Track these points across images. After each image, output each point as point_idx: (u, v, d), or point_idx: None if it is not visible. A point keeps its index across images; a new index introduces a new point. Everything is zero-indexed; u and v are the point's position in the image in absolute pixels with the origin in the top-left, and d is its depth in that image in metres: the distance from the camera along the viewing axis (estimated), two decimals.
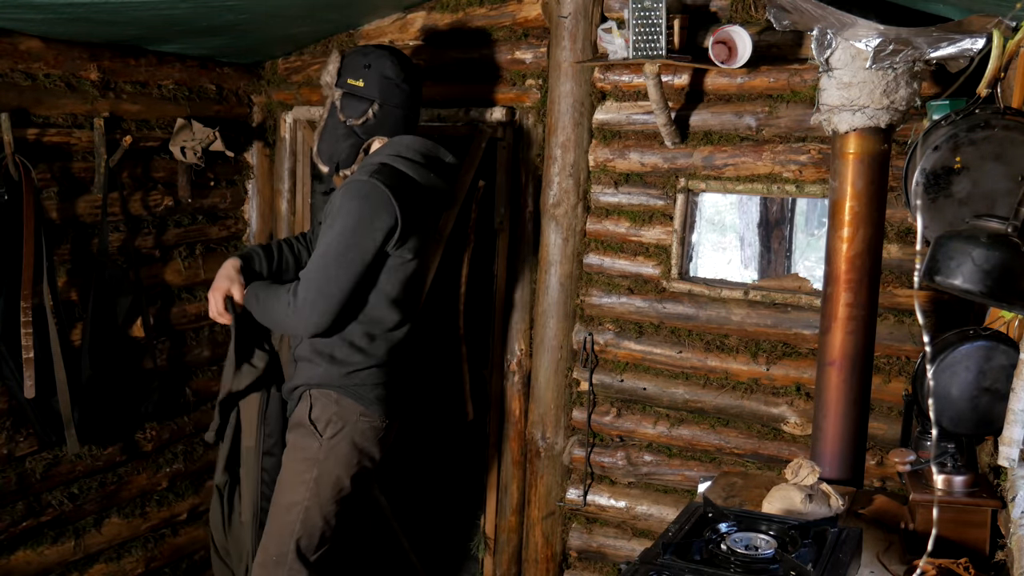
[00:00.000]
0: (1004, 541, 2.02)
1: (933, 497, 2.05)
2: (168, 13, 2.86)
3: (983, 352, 2.09)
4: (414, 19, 3.52)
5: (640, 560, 1.80)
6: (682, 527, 1.91)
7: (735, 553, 1.79)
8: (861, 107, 2.42)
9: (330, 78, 2.72)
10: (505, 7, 3.35)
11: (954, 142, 2.05)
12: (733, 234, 7.53)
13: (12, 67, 2.92)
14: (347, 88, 2.70)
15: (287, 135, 3.84)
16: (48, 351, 2.98)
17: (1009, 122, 2.04)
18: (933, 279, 1.83)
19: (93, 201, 3.19)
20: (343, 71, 2.71)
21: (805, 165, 2.99)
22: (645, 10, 2.78)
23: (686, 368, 3.25)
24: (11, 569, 3.08)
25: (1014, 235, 1.83)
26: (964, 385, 2.09)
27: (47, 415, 3.03)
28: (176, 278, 3.56)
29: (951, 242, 1.83)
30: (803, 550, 1.81)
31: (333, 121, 2.73)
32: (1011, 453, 1.84)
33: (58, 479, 3.20)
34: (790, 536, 1.87)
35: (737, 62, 2.85)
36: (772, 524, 1.92)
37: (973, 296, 1.82)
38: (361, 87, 2.68)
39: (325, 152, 2.76)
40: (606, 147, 3.27)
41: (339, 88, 2.71)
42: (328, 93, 2.74)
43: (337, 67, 2.72)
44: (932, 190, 2.07)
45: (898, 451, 2.23)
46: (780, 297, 3.08)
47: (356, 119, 2.70)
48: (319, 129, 2.78)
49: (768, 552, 1.79)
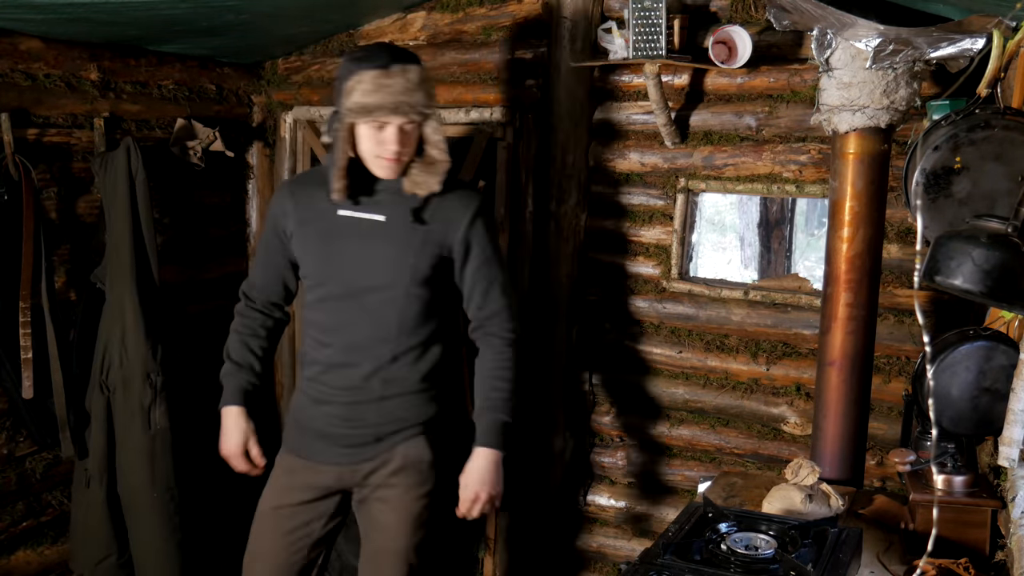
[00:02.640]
0: (1004, 541, 2.02)
1: (933, 497, 2.05)
2: (168, 13, 2.86)
3: (983, 352, 2.09)
4: (414, 19, 3.52)
5: (640, 560, 1.80)
6: (682, 527, 1.92)
7: (735, 553, 1.79)
8: (861, 107, 2.42)
9: (428, 100, 2.26)
10: (505, 7, 3.35)
11: (954, 142, 2.05)
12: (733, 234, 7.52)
13: (12, 67, 2.92)
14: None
15: (287, 135, 3.84)
16: (45, 352, 2.98)
17: (1009, 122, 2.04)
18: (933, 279, 1.83)
19: (93, 201, 3.19)
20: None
21: (805, 165, 2.99)
22: (645, 10, 2.78)
23: (686, 368, 3.25)
24: (11, 569, 3.08)
25: (1014, 235, 1.83)
26: (964, 385, 2.09)
27: (43, 417, 3.03)
28: (177, 278, 3.56)
29: (951, 242, 1.83)
30: (803, 550, 1.82)
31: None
32: (1011, 453, 1.84)
33: (58, 479, 3.20)
34: (790, 536, 1.87)
35: (737, 62, 2.85)
36: (772, 524, 1.93)
37: (973, 296, 1.82)
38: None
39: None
40: (606, 147, 3.27)
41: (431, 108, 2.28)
42: (419, 116, 2.25)
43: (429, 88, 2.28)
44: (932, 190, 2.07)
45: (898, 451, 2.23)
46: (780, 297, 3.08)
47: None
48: (445, 153, 2.32)
49: (768, 552, 1.79)
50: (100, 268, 3.12)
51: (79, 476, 3.14)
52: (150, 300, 3.13)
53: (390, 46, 2.31)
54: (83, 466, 3.12)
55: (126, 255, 3.07)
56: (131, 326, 3.08)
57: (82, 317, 3.13)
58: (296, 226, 2.38)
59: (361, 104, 2.17)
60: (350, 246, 2.33)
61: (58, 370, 2.99)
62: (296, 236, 2.39)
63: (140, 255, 3.10)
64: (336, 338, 2.37)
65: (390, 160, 2.25)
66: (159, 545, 3.17)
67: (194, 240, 3.66)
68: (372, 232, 2.32)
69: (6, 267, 2.88)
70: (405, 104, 2.18)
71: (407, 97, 2.18)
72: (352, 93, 2.18)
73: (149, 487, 3.13)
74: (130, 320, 3.07)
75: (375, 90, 2.16)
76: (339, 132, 2.24)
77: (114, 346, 3.07)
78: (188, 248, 3.62)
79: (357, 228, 2.32)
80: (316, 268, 2.38)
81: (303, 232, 2.37)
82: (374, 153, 2.25)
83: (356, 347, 2.35)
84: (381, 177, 2.30)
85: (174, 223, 3.54)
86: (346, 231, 2.33)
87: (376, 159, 2.26)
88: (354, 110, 2.19)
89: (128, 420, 3.10)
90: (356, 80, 2.17)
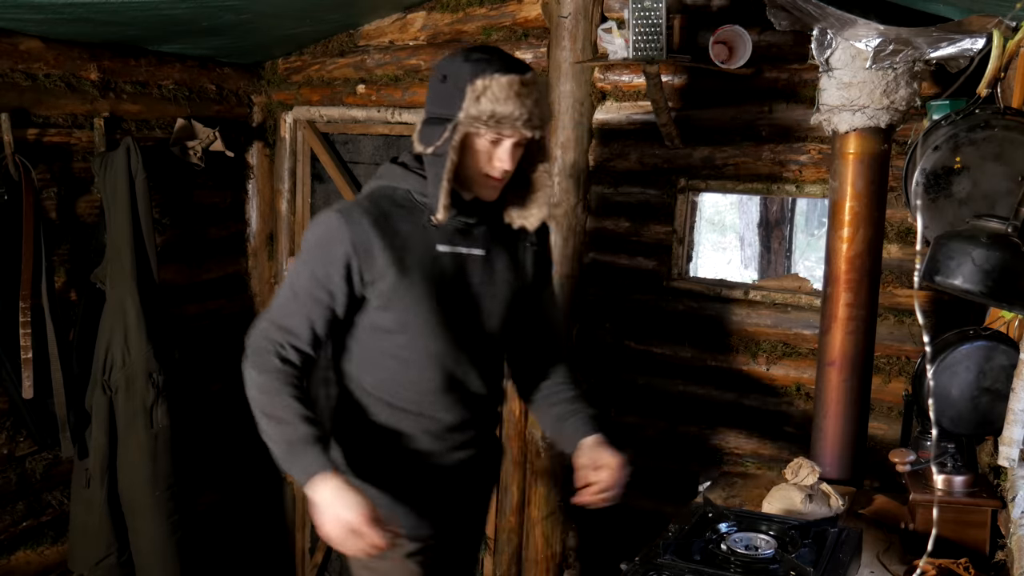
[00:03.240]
0: (1004, 541, 2.02)
1: (933, 497, 2.05)
2: (168, 13, 2.86)
3: (983, 352, 2.08)
4: (414, 19, 3.52)
5: (640, 560, 1.80)
6: (682, 527, 1.92)
7: (735, 553, 1.79)
8: (861, 107, 2.42)
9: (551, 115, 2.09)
10: (505, 7, 3.35)
11: (954, 142, 2.05)
12: (733, 234, 7.53)
13: (12, 67, 2.92)
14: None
15: (287, 135, 3.84)
16: (45, 352, 2.98)
17: (1009, 122, 2.04)
18: (933, 279, 1.83)
19: (93, 201, 3.19)
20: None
21: (805, 165, 2.99)
22: (645, 10, 2.78)
23: (686, 368, 3.25)
24: (11, 569, 3.09)
25: (1014, 235, 1.83)
26: (964, 385, 2.09)
27: (43, 417, 3.03)
28: (177, 278, 3.56)
29: (951, 242, 1.82)
30: (803, 550, 1.82)
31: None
32: (1011, 453, 1.84)
33: (58, 479, 3.20)
34: (790, 536, 1.87)
35: (737, 62, 2.85)
36: (772, 524, 1.93)
37: (973, 296, 1.82)
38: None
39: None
40: (606, 147, 3.27)
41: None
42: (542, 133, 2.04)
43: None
44: (932, 190, 2.07)
45: (898, 451, 2.23)
46: (780, 297, 3.08)
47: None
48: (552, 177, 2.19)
49: (768, 552, 1.80)
50: (100, 268, 3.12)
51: (79, 476, 3.14)
52: (151, 300, 3.13)
53: (499, 49, 2.00)
54: (83, 466, 3.12)
55: (126, 255, 3.07)
56: (133, 326, 3.08)
57: (82, 317, 3.13)
58: (387, 267, 1.93)
59: (493, 112, 1.85)
60: (460, 291, 2.02)
61: (58, 370, 2.99)
62: (388, 281, 1.94)
63: (140, 255, 3.11)
64: (448, 399, 2.07)
65: (498, 180, 1.96)
66: (159, 544, 3.17)
67: (194, 240, 3.66)
68: (476, 272, 2.03)
69: (6, 267, 2.88)
70: (537, 117, 1.90)
71: (540, 110, 1.90)
72: (480, 98, 1.85)
73: (150, 486, 3.13)
74: (132, 320, 3.07)
75: (510, 98, 1.85)
76: (451, 142, 1.88)
77: (116, 346, 3.08)
78: (188, 248, 3.63)
79: (464, 267, 2.01)
80: (423, 319, 1.98)
81: (401, 276, 1.94)
82: (483, 171, 1.94)
83: (468, 404, 2.11)
84: (484, 199, 1.99)
85: (174, 223, 3.54)
86: (450, 271, 1.99)
87: (485, 178, 1.95)
88: (480, 118, 1.86)
89: (130, 419, 3.10)
90: (484, 84, 1.85)
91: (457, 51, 1.94)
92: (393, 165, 2.05)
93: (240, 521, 4.00)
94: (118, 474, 3.13)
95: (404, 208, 1.98)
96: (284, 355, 1.94)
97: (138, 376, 3.10)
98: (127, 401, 3.10)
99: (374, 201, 1.99)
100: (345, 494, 1.83)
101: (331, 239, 1.92)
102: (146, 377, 3.11)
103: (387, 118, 3.60)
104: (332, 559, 4.05)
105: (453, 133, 1.87)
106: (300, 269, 1.98)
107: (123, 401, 3.10)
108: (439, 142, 1.90)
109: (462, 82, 1.86)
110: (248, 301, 3.98)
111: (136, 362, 3.09)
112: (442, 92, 1.91)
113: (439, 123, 1.91)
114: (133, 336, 3.09)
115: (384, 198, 1.99)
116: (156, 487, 3.15)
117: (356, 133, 3.71)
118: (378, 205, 1.97)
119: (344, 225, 1.92)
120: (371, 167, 3.71)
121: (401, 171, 2.01)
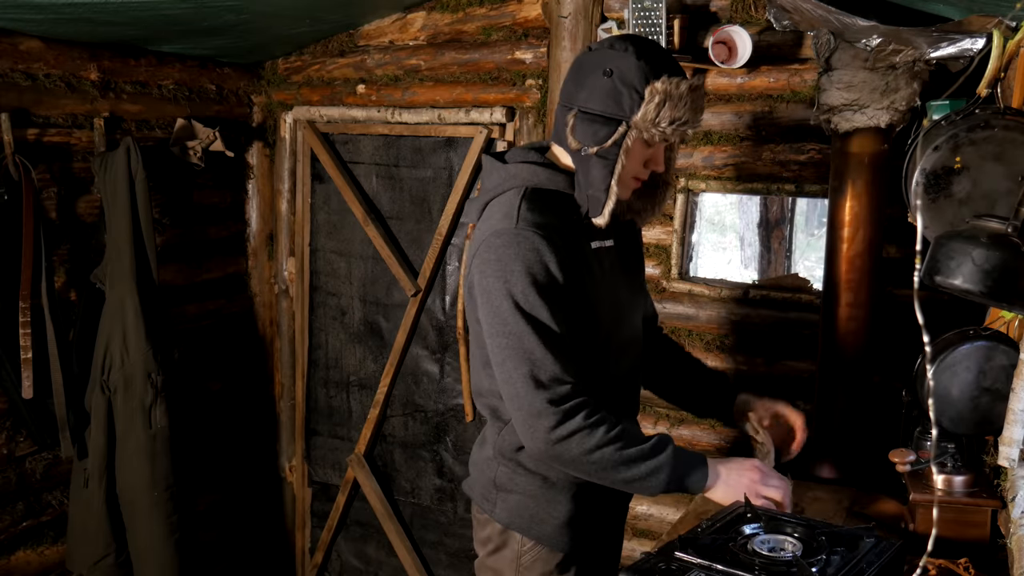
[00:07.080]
0: (1004, 541, 2.02)
1: (933, 497, 2.06)
2: (168, 13, 2.86)
3: (983, 352, 2.08)
4: (414, 19, 3.52)
5: (656, 552, 1.77)
6: (714, 523, 1.88)
7: (758, 555, 1.75)
8: (861, 107, 2.42)
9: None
10: (505, 7, 3.35)
11: (954, 142, 2.05)
12: (733, 234, 7.53)
13: (12, 67, 2.92)
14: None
15: (287, 135, 3.84)
16: (45, 352, 2.98)
17: (1009, 122, 2.03)
18: (933, 279, 1.83)
19: (93, 201, 3.19)
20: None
21: (805, 165, 2.99)
22: (645, 10, 2.78)
23: None
24: (11, 569, 3.09)
25: (1014, 235, 1.83)
26: (964, 385, 2.09)
27: (43, 417, 3.03)
28: (177, 278, 3.56)
29: (951, 242, 1.82)
30: (834, 557, 1.74)
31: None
32: (1011, 453, 1.84)
33: (58, 479, 3.20)
34: (818, 542, 1.81)
35: (737, 62, 2.85)
36: (800, 527, 1.86)
37: (973, 296, 1.81)
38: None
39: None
40: None
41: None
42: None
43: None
44: (932, 190, 2.07)
45: (898, 451, 2.23)
46: (780, 297, 3.08)
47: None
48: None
49: (787, 556, 1.75)
50: (100, 268, 3.12)
51: (77, 475, 3.14)
52: (150, 300, 3.13)
53: (653, 41, 1.93)
54: (82, 466, 3.13)
55: (126, 255, 3.07)
56: (132, 326, 3.08)
57: (82, 317, 3.14)
58: (571, 274, 1.85)
59: (672, 118, 1.78)
60: (617, 282, 2.00)
61: (58, 370, 2.99)
62: (576, 287, 1.87)
63: (140, 255, 3.11)
64: (622, 392, 2.06)
65: (641, 182, 1.94)
66: (158, 544, 3.17)
67: (194, 240, 3.66)
68: (617, 262, 2.01)
69: (6, 267, 2.88)
70: (699, 124, 1.87)
71: (701, 116, 1.87)
72: (662, 104, 1.77)
73: (149, 486, 3.13)
74: (131, 320, 3.07)
75: (687, 104, 1.79)
76: (622, 145, 1.81)
77: (115, 346, 3.08)
78: (188, 248, 3.63)
79: (610, 260, 1.99)
80: (605, 317, 1.95)
81: (581, 279, 1.88)
82: (634, 174, 1.89)
83: (635, 401, 2.15)
84: (619, 197, 1.88)
85: (174, 223, 3.54)
86: (605, 264, 1.96)
87: (633, 180, 1.91)
88: (659, 124, 1.79)
89: (129, 420, 3.10)
90: (665, 88, 1.77)
91: (612, 42, 1.84)
92: (533, 166, 1.92)
93: (240, 521, 4.00)
94: (117, 474, 3.13)
95: (555, 210, 1.88)
96: (578, 400, 1.81)
97: (137, 376, 3.10)
98: (126, 401, 3.10)
99: (529, 213, 1.85)
100: (728, 460, 1.93)
101: (533, 264, 1.81)
102: (145, 377, 3.11)
103: (387, 118, 3.60)
104: (332, 559, 4.05)
105: (625, 137, 1.80)
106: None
107: (122, 401, 3.10)
108: (607, 144, 1.81)
109: (638, 83, 1.78)
110: (248, 301, 3.98)
111: (135, 362, 3.09)
112: (607, 89, 1.80)
113: (604, 122, 1.81)
114: (132, 336, 3.09)
115: (538, 203, 1.87)
116: (155, 487, 3.15)
117: (356, 133, 3.71)
118: (533, 216, 1.84)
119: (535, 250, 1.81)
120: (371, 167, 3.71)
121: (546, 172, 1.91)
